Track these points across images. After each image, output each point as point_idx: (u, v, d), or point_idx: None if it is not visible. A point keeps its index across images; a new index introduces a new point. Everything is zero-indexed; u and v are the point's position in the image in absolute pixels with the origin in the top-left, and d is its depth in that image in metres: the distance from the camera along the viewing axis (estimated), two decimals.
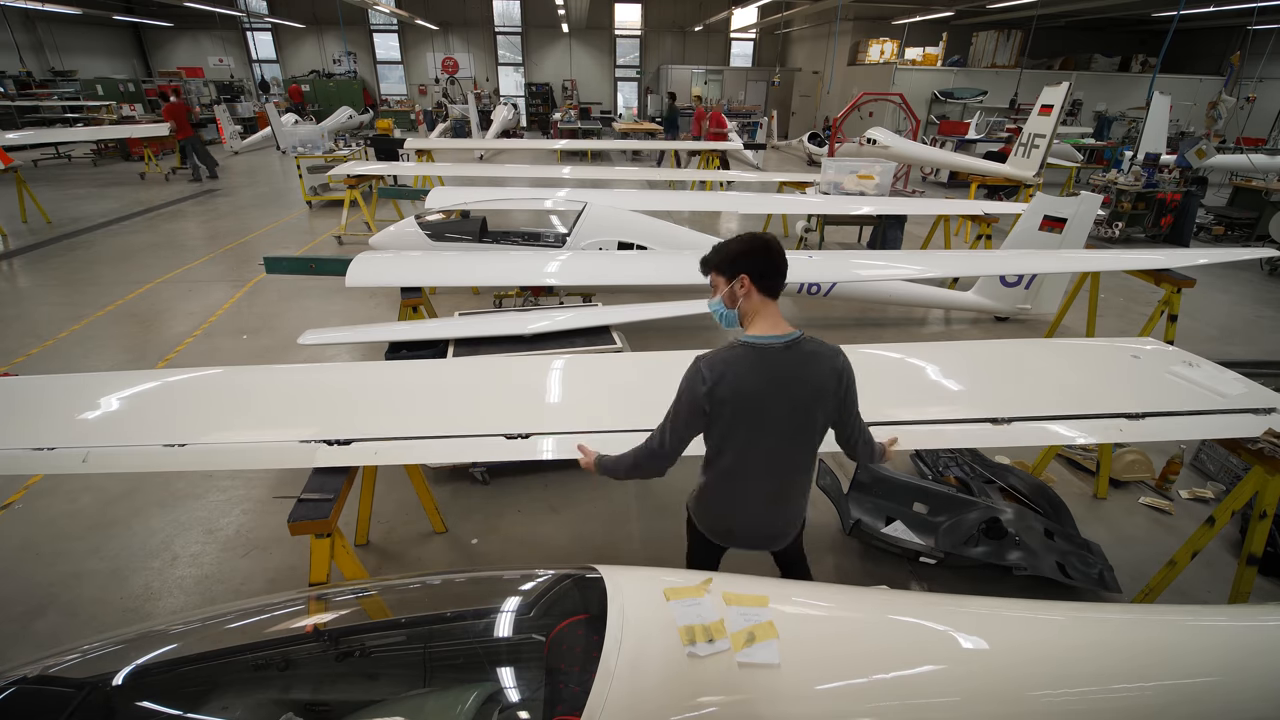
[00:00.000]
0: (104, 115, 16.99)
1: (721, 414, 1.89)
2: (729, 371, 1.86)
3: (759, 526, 2.12)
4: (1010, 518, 3.35)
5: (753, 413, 1.89)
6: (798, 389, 1.90)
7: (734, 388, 1.85)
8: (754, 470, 2.00)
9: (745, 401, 1.87)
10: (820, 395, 1.92)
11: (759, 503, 2.07)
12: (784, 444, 1.97)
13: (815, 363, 1.91)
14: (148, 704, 1.51)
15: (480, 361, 3.46)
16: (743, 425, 1.91)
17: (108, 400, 2.56)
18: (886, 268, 5.54)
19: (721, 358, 1.88)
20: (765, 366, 1.87)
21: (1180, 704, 1.53)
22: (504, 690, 1.56)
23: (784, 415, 1.91)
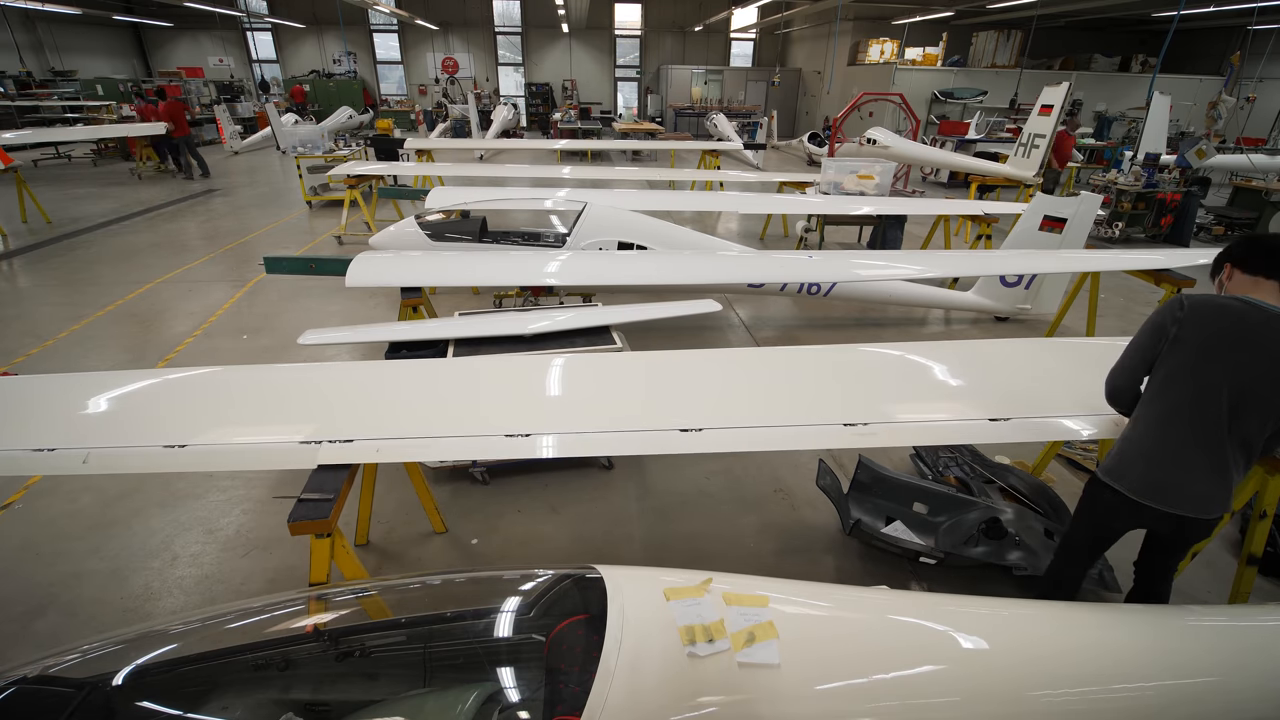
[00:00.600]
0: (104, 115, 17.00)
1: (1188, 344, 1.95)
2: (1211, 309, 1.93)
3: (1192, 489, 2.05)
4: (1010, 518, 3.35)
5: (1222, 359, 1.91)
6: (1270, 362, 1.88)
7: (1207, 322, 1.91)
8: (1204, 424, 1.98)
9: (1217, 341, 1.91)
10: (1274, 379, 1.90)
11: (1199, 463, 2.02)
12: (1241, 410, 1.94)
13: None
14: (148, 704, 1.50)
15: (480, 361, 3.46)
16: (1206, 367, 1.93)
17: (108, 400, 2.56)
18: (886, 268, 5.54)
19: (1208, 298, 1.97)
20: (1250, 323, 1.89)
21: (1180, 704, 1.53)
22: (504, 690, 1.56)
23: (1255, 381, 1.90)
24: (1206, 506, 2.08)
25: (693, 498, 3.86)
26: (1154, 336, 2.06)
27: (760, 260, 5.57)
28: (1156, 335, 2.05)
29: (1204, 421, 1.99)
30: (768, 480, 4.01)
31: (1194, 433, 2.03)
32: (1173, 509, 2.10)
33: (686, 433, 2.39)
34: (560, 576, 1.73)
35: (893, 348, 3.32)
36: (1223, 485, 2.06)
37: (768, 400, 2.69)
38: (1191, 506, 2.09)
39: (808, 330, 6.68)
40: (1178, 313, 1.98)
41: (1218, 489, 2.06)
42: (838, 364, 3.08)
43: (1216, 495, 2.07)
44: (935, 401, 2.80)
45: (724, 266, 5.26)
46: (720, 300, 4.62)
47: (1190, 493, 2.07)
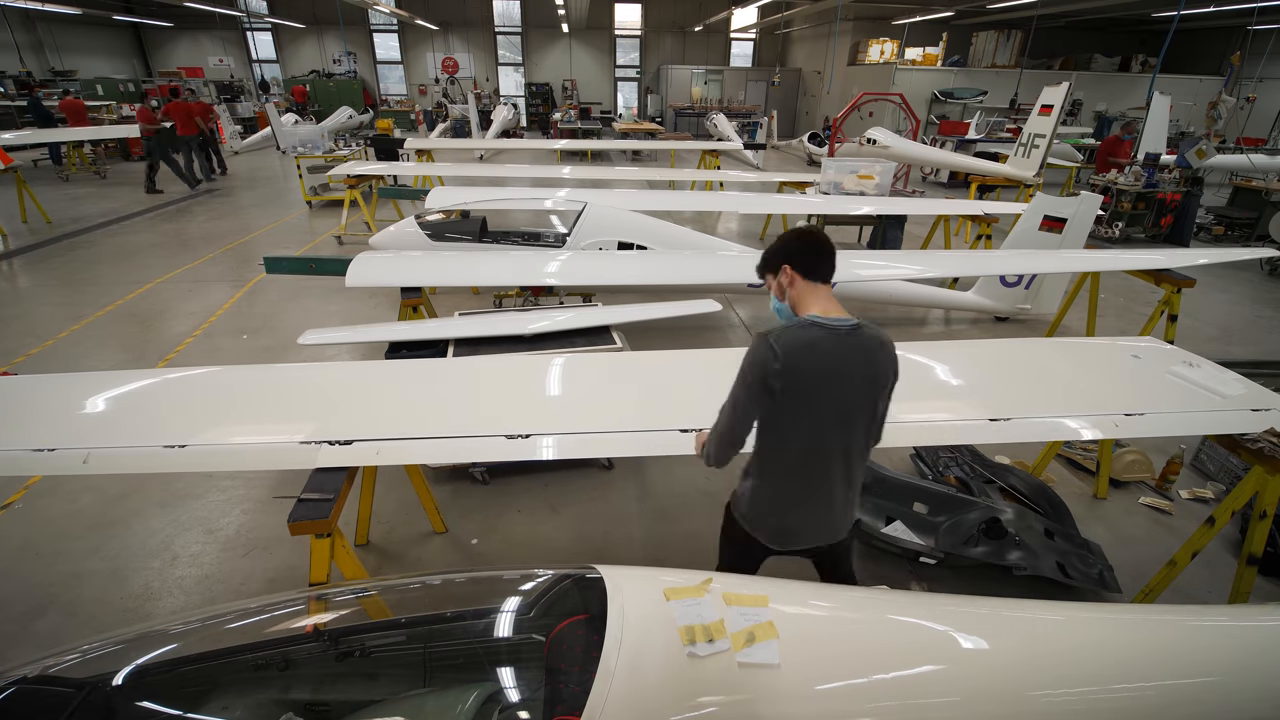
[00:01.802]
0: (104, 115, 16.99)
1: (793, 394, 1.81)
2: (800, 348, 1.78)
3: (827, 523, 2.03)
4: (1010, 518, 3.35)
5: (825, 395, 1.83)
6: (864, 376, 1.85)
7: (803, 365, 1.78)
8: (825, 461, 1.92)
9: (818, 380, 1.81)
10: (883, 385, 1.91)
11: (829, 497, 1.98)
12: (851, 433, 1.91)
13: (881, 351, 1.87)
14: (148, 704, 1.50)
15: (480, 361, 3.46)
16: (814, 408, 1.83)
17: (108, 400, 2.56)
18: (886, 268, 5.54)
19: (793, 335, 1.80)
20: (835, 347, 1.81)
21: (1180, 704, 1.53)
22: (504, 690, 1.56)
23: (855, 402, 1.87)
24: (829, 534, 2.07)
25: (693, 498, 3.86)
26: (759, 393, 1.83)
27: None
28: (761, 391, 1.82)
29: (827, 460, 1.93)
30: None
31: (820, 474, 1.95)
32: (810, 544, 2.08)
33: (686, 433, 2.39)
34: (560, 576, 1.73)
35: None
36: (851, 508, 2.06)
37: None
38: (828, 537, 2.07)
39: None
40: (774, 365, 1.77)
41: (848, 512, 2.06)
42: None
43: (836, 521, 2.05)
44: (935, 401, 2.80)
45: (724, 266, 5.26)
46: (720, 300, 4.63)
47: (826, 529, 2.04)
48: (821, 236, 1.90)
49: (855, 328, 1.84)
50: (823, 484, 1.96)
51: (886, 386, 1.92)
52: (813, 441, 1.90)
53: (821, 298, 1.88)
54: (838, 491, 1.98)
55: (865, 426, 1.93)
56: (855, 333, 1.83)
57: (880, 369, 1.88)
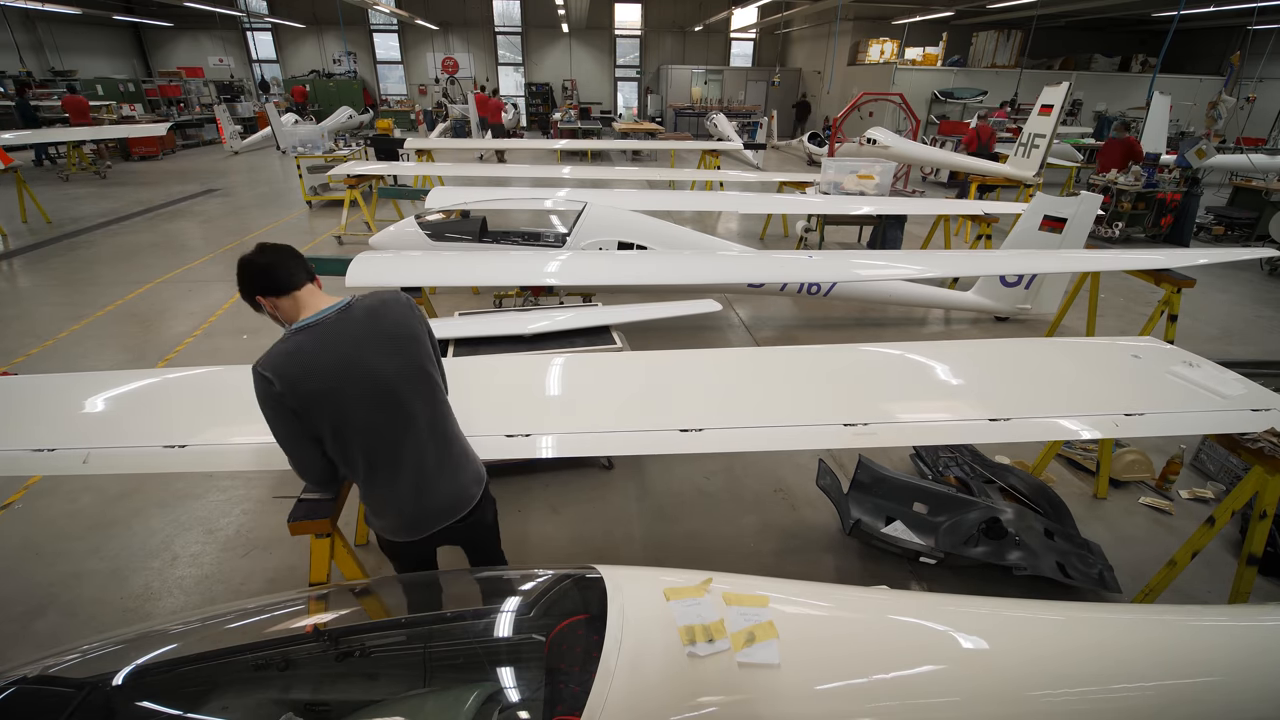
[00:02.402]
0: (104, 115, 16.99)
1: (320, 406, 1.74)
2: (286, 360, 1.72)
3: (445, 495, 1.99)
4: (1010, 518, 3.35)
5: (348, 386, 1.76)
6: (386, 342, 1.81)
7: (312, 372, 1.72)
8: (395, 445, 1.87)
9: (336, 380, 1.74)
10: (415, 337, 1.87)
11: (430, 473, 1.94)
12: (405, 405, 1.86)
13: (387, 310, 1.84)
14: (148, 704, 1.50)
15: (480, 361, 3.46)
16: (345, 404, 1.77)
17: (108, 400, 2.56)
18: (886, 268, 5.54)
19: (278, 351, 1.74)
20: (335, 336, 1.76)
21: (1180, 704, 1.53)
22: (504, 690, 1.56)
23: (391, 373, 1.81)
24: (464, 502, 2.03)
25: (693, 498, 3.86)
26: (287, 421, 1.78)
27: (760, 260, 5.57)
28: (287, 417, 1.77)
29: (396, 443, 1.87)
30: (768, 480, 4.01)
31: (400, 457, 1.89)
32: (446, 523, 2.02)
33: (686, 433, 2.39)
34: (560, 576, 1.73)
35: (893, 348, 3.32)
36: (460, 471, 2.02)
37: (768, 400, 2.69)
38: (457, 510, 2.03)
39: (808, 330, 6.68)
40: (275, 389, 1.70)
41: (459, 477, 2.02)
42: (838, 364, 3.08)
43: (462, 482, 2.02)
44: (935, 401, 2.80)
45: (724, 266, 5.26)
46: (720, 300, 4.63)
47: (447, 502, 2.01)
48: (250, 257, 1.82)
49: (347, 305, 1.81)
50: (411, 464, 1.91)
51: (421, 336, 1.87)
52: (373, 437, 1.84)
53: (307, 301, 1.82)
54: (429, 462, 1.94)
55: (419, 385, 1.87)
56: (351, 307, 1.81)
57: (403, 325, 1.84)
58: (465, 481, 2.05)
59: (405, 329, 1.85)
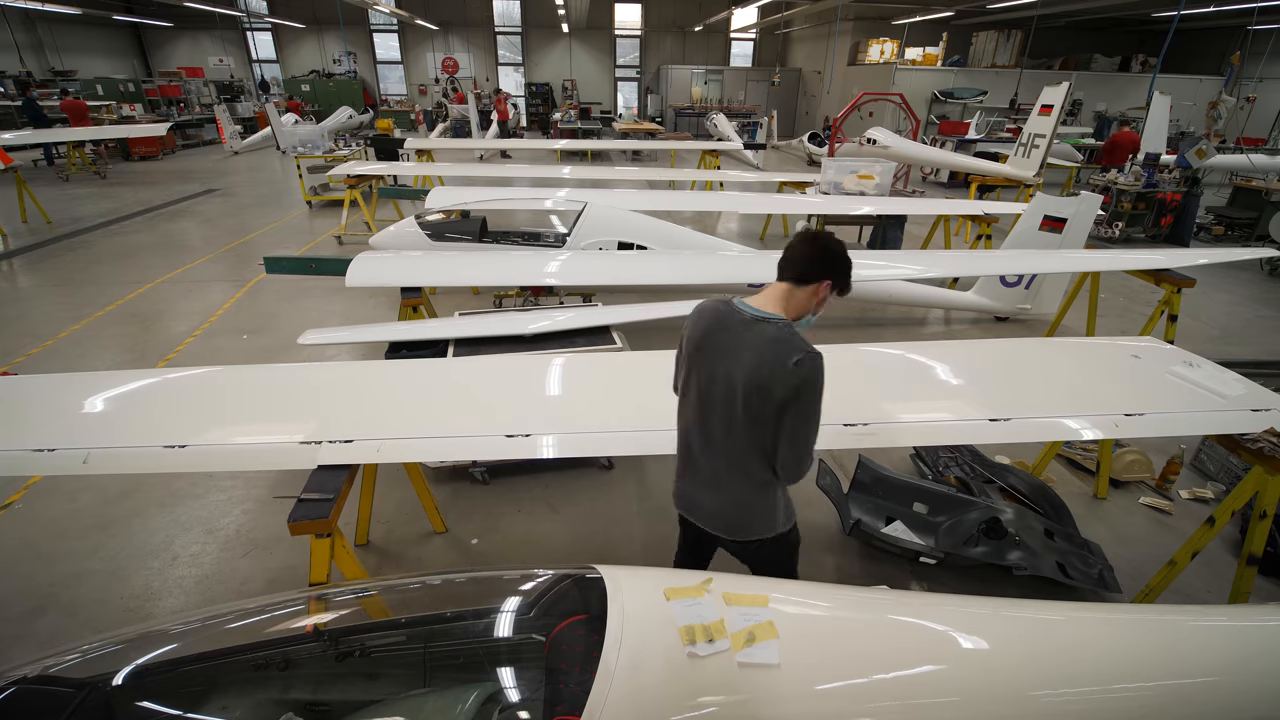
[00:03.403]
0: (104, 115, 16.99)
1: (685, 350, 1.98)
2: (698, 313, 1.95)
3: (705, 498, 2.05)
4: (1010, 518, 3.35)
5: (696, 361, 1.93)
6: (733, 362, 1.84)
7: (695, 326, 1.93)
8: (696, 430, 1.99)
9: (693, 347, 1.93)
10: (753, 386, 1.80)
11: (703, 473, 2.02)
12: (721, 419, 1.91)
13: (769, 352, 1.78)
14: (148, 704, 1.50)
15: (480, 361, 3.46)
16: (689, 371, 1.96)
17: (108, 400, 2.56)
18: (886, 268, 5.54)
19: (703, 304, 1.97)
20: (728, 325, 1.87)
21: (1180, 704, 1.53)
22: (504, 690, 1.56)
23: (721, 387, 1.87)
24: (724, 526, 2.03)
25: None
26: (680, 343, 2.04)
27: (760, 260, 5.57)
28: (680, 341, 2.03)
29: (699, 430, 1.97)
30: None
31: (694, 442, 2.00)
32: (701, 524, 2.08)
33: None
34: (560, 576, 1.73)
35: (892, 348, 3.32)
36: (730, 503, 1.99)
37: None
38: (712, 524, 2.05)
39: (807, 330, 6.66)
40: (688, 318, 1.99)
41: (728, 507, 2.00)
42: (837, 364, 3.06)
43: (727, 514, 2.01)
44: (935, 401, 2.80)
45: (724, 266, 5.26)
46: None
47: (707, 509, 2.05)
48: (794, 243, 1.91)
49: (763, 320, 1.84)
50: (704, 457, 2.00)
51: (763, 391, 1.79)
52: (695, 406, 1.97)
53: (770, 293, 1.92)
54: (718, 475, 1.99)
55: (751, 419, 1.85)
56: (760, 323, 1.84)
57: (759, 369, 1.78)
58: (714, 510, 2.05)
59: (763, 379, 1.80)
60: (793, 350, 1.77)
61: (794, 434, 1.85)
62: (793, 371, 1.76)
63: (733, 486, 1.99)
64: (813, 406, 1.83)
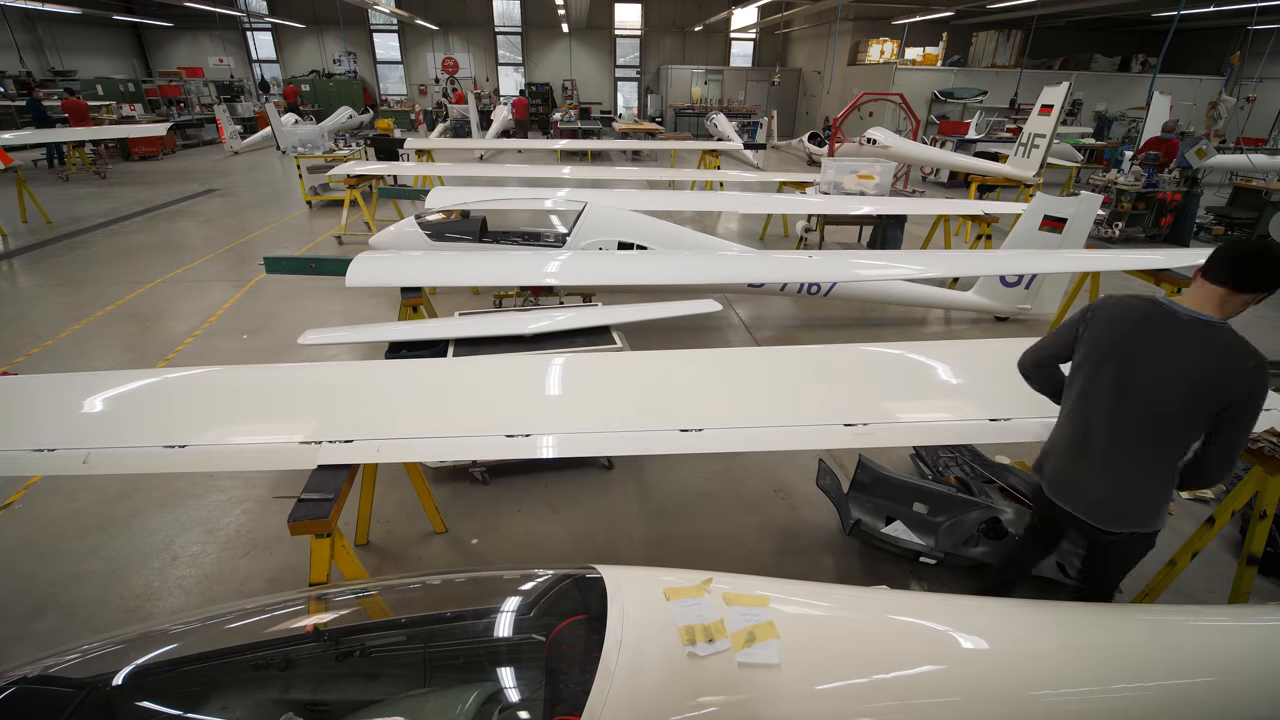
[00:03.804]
0: (104, 115, 16.99)
1: (1089, 343, 1.98)
2: (1114, 310, 1.96)
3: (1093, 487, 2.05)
4: (1010, 518, 3.35)
5: (1117, 355, 1.92)
6: (1173, 360, 1.83)
7: (1111, 322, 1.95)
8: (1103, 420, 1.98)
9: (1113, 339, 1.93)
10: (1194, 388, 1.82)
11: (1099, 462, 2.02)
12: (1138, 414, 1.91)
13: (1217, 355, 1.81)
14: (148, 704, 1.50)
15: (480, 361, 3.46)
16: (1102, 362, 1.95)
17: (108, 400, 2.56)
18: (886, 268, 5.54)
19: (1119, 297, 1.99)
20: (1155, 324, 1.88)
21: (1180, 704, 1.53)
22: (504, 690, 1.56)
23: (1147, 383, 1.88)
24: (1104, 516, 2.05)
25: (693, 498, 3.86)
26: (1068, 329, 2.11)
27: (760, 260, 5.57)
28: (1069, 329, 2.10)
29: (1107, 421, 1.98)
30: (768, 480, 4.01)
31: (1096, 432, 2.01)
32: (1076, 511, 2.10)
33: (686, 433, 2.39)
34: (560, 576, 1.73)
35: (893, 348, 3.32)
36: (1120, 494, 2.00)
37: (768, 400, 2.69)
38: (1090, 512, 2.07)
39: (808, 330, 6.68)
40: (1088, 312, 2.03)
41: (1115, 497, 2.01)
42: (838, 364, 3.08)
43: (1113, 504, 2.02)
44: (935, 401, 2.80)
45: (724, 266, 5.26)
46: (720, 300, 4.62)
47: (1090, 497, 2.07)
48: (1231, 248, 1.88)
49: (1206, 323, 1.84)
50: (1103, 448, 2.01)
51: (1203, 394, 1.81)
52: (1098, 397, 1.98)
53: (1200, 292, 1.91)
54: (1114, 465, 2.00)
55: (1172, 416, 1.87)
56: (1202, 326, 1.84)
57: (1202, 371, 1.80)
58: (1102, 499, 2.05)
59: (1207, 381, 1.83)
60: (1247, 355, 1.81)
61: (1232, 439, 1.89)
62: (1249, 375, 1.81)
63: (1131, 479, 2.00)
64: (1254, 413, 1.85)
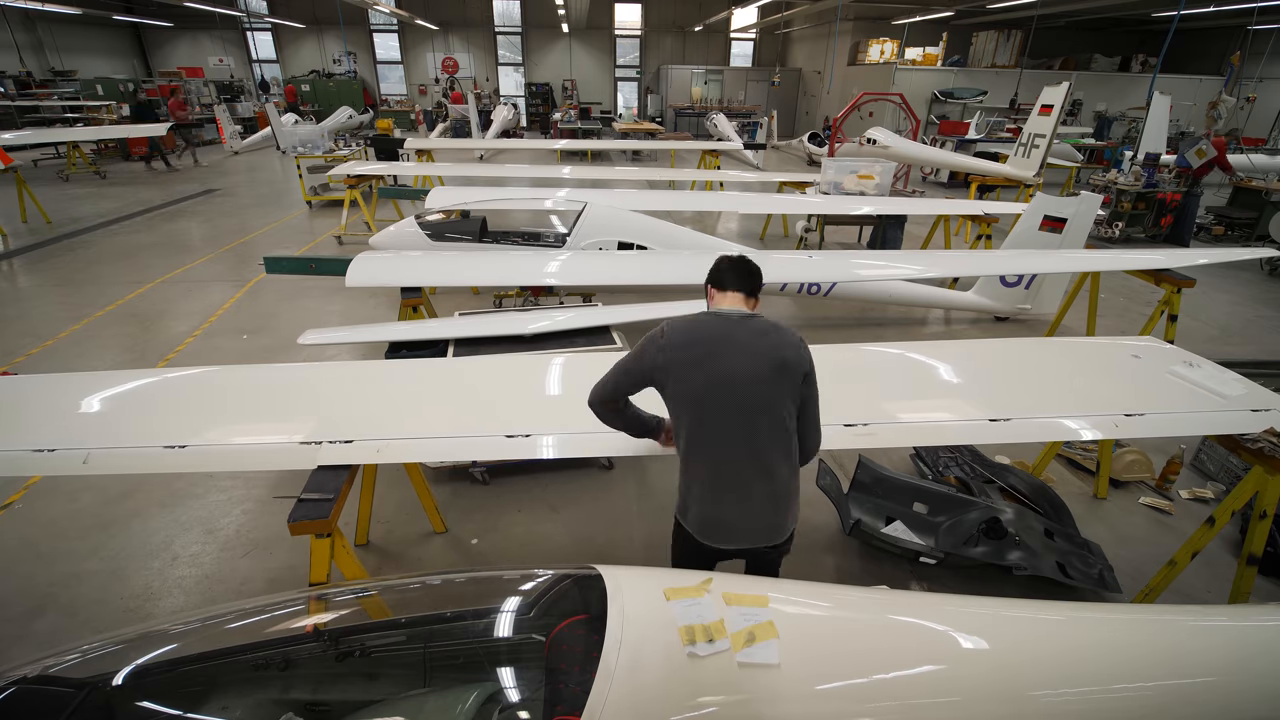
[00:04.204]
0: (104, 115, 16.99)
1: (674, 371, 1.96)
2: (683, 330, 1.99)
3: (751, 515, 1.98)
4: (1010, 518, 3.35)
5: (703, 374, 1.94)
6: (756, 357, 1.94)
7: (684, 344, 1.96)
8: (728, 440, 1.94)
9: (695, 357, 1.95)
10: (782, 371, 1.95)
11: (744, 484, 1.96)
12: (750, 416, 1.94)
13: (775, 335, 1.98)
14: (148, 704, 1.50)
15: (480, 361, 3.46)
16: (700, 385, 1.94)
17: (108, 400, 2.56)
18: (886, 268, 5.54)
19: (683, 319, 2.04)
20: (719, 330, 1.97)
21: (1180, 704, 1.53)
22: (504, 690, 1.56)
23: (746, 383, 1.93)
24: (760, 534, 2.01)
25: None
26: (638, 360, 2.03)
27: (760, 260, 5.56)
28: (639, 359, 2.02)
29: (729, 442, 1.94)
30: None
31: (724, 455, 1.95)
32: (736, 544, 2.02)
33: None
34: (560, 576, 1.73)
35: (893, 348, 3.32)
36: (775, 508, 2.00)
37: None
38: (749, 538, 2.01)
39: (808, 330, 6.67)
40: (659, 340, 1.98)
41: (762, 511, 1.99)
42: (838, 364, 3.08)
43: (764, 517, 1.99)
44: (935, 401, 2.80)
45: None
46: None
47: (740, 525, 2.00)
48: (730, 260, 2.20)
49: (749, 316, 2.00)
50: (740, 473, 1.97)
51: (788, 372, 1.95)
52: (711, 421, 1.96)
53: (731, 299, 2.10)
54: (758, 486, 1.96)
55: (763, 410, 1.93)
56: (750, 319, 1.99)
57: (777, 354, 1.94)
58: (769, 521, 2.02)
59: (780, 356, 1.95)
60: (787, 332, 2.01)
61: (816, 409, 2.06)
62: (801, 347, 2.00)
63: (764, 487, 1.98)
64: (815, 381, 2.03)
